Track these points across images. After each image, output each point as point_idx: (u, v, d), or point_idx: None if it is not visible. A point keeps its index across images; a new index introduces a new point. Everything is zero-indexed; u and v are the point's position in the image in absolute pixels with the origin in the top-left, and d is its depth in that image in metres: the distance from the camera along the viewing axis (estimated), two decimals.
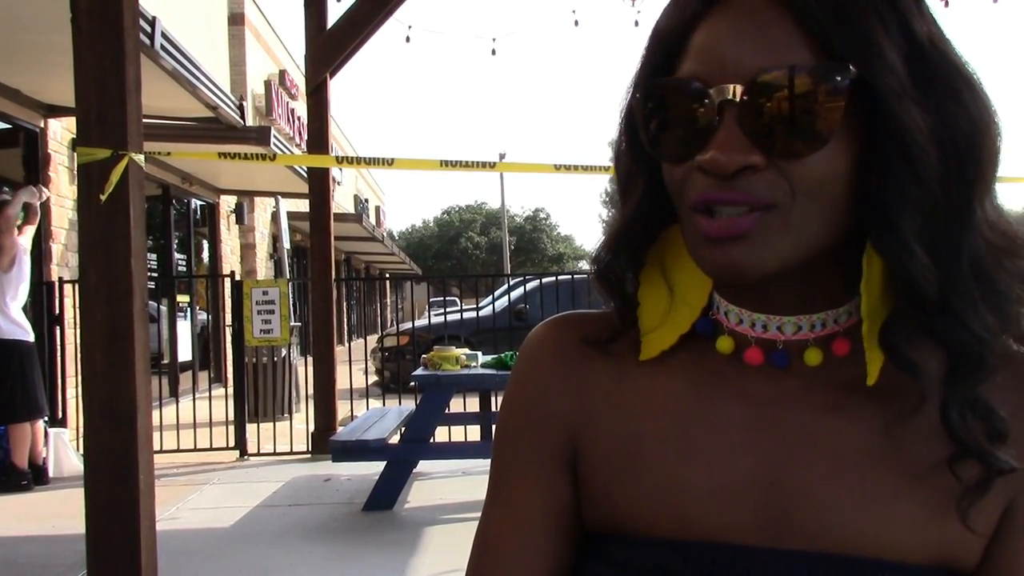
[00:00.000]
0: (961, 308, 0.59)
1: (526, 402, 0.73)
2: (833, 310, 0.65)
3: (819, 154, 0.57)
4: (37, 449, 5.92)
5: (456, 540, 4.44)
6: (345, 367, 7.38)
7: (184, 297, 10.98)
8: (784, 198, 0.58)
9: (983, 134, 0.58)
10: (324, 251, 6.95)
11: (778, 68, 0.57)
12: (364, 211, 25.77)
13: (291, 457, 6.71)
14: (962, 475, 0.60)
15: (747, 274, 0.60)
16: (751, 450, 0.65)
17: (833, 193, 0.59)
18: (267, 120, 13.46)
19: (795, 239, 0.59)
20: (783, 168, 0.58)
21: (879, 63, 0.56)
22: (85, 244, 2.92)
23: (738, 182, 0.58)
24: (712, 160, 0.58)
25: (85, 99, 2.87)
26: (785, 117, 0.56)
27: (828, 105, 0.56)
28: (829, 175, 0.58)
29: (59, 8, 3.22)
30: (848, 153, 0.58)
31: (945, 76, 0.58)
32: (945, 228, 0.58)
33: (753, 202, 0.58)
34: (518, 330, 9.79)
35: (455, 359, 5.50)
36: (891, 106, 0.56)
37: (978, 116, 0.58)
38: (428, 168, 4.94)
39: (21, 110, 6.97)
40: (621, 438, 0.68)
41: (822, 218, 0.60)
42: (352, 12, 6.68)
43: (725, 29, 0.59)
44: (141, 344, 2.93)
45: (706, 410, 0.67)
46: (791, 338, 0.66)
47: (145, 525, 2.93)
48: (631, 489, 0.67)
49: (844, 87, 0.56)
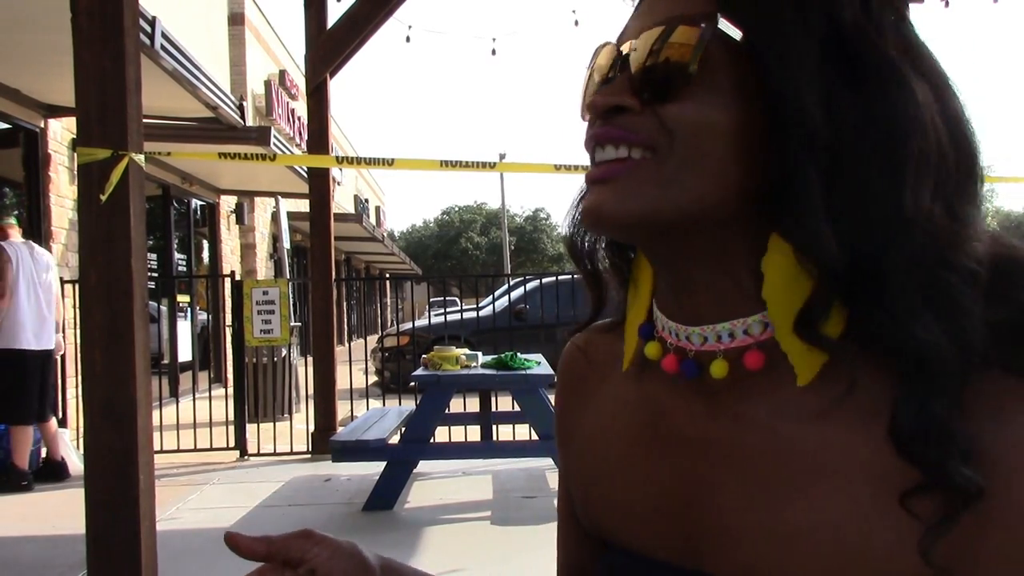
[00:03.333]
0: (897, 309, 0.54)
1: (556, 421, 0.82)
2: (741, 320, 0.61)
3: (695, 101, 0.57)
4: (55, 447, 5.98)
5: (456, 540, 4.44)
6: (345, 367, 7.38)
7: (184, 297, 10.98)
8: (661, 140, 0.58)
9: (907, 132, 0.55)
10: (324, 251, 6.95)
11: (662, 22, 0.59)
12: (364, 211, 25.78)
13: (291, 457, 6.71)
14: (917, 510, 0.52)
15: (605, 219, 0.59)
16: (666, 466, 0.65)
17: (712, 150, 0.57)
18: (267, 120, 13.46)
19: (662, 191, 0.58)
20: (658, 111, 0.58)
21: (767, 28, 0.57)
22: (85, 244, 2.92)
23: (616, 120, 0.59)
24: (591, 102, 0.60)
25: (85, 99, 2.88)
26: (659, 64, 0.58)
27: (689, 49, 0.57)
28: (703, 124, 0.57)
29: (59, 8, 3.22)
30: (732, 109, 0.57)
31: (869, 67, 0.56)
32: (859, 216, 0.55)
33: (629, 139, 0.58)
34: (518, 330, 9.83)
35: (455, 359, 5.50)
36: (775, 74, 0.56)
37: (903, 113, 0.55)
38: (428, 168, 4.94)
39: (21, 110, 6.97)
40: (583, 454, 0.74)
41: (700, 176, 0.57)
42: (352, 12, 6.68)
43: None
44: (141, 344, 2.93)
45: (636, 424, 0.68)
46: (702, 348, 0.63)
47: (145, 525, 2.94)
48: (587, 503, 0.73)
49: (709, 36, 0.57)
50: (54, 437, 5.99)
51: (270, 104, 13.76)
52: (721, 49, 0.57)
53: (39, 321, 5.80)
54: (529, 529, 4.57)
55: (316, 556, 0.71)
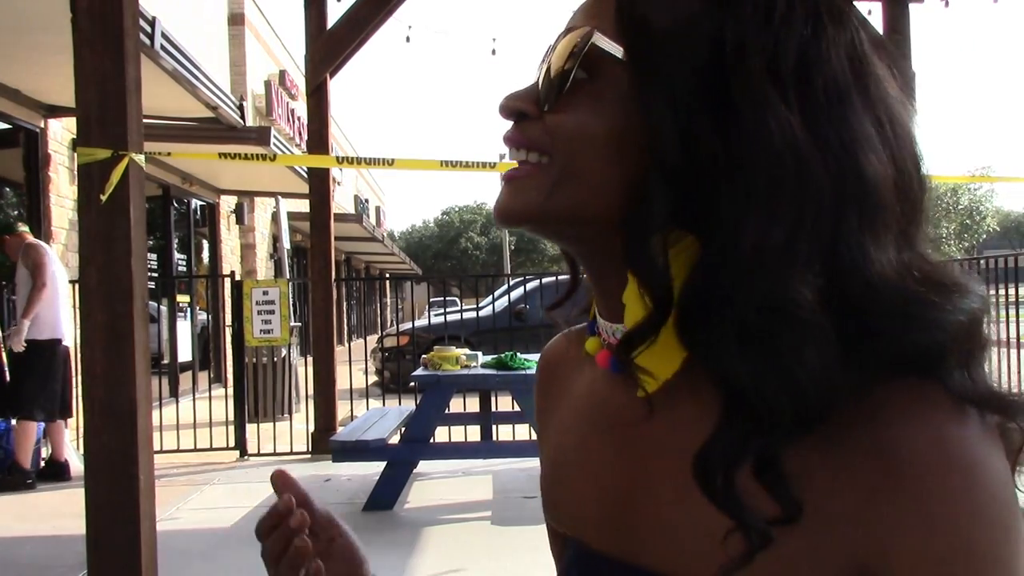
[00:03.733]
0: (709, 344, 0.54)
1: (536, 416, 0.84)
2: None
3: (577, 111, 0.59)
4: (60, 447, 6.05)
5: (456, 540, 4.44)
6: (345, 367, 7.38)
7: (184, 297, 10.98)
8: (550, 149, 0.61)
9: (760, 165, 0.54)
10: (324, 251, 6.95)
11: (565, 31, 0.62)
12: (364, 211, 25.77)
13: (291, 457, 6.71)
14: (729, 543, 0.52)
15: (500, 215, 0.63)
16: (607, 460, 0.66)
17: (588, 159, 0.59)
18: (267, 120, 13.46)
19: (545, 195, 0.60)
20: (548, 119, 0.61)
21: (642, 49, 0.58)
22: (85, 244, 2.92)
23: (517, 126, 0.63)
24: (500, 105, 0.63)
25: (85, 99, 2.88)
26: (550, 73, 0.61)
27: (571, 65, 0.60)
28: (579, 133, 0.59)
29: (59, 8, 3.23)
30: (611, 121, 0.58)
31: (735, 96, 0.55)
32: (695, 249, 0.56)
33: (524, 143, 0.62)
34: (518, 330, 9.83)
35: (455, 359, 5.50)
36: (640, 94, 0.57)
37: (761, 146, 0.54)
38: (428, 168, 4.94)
39: (21, 110, 6.97)
40: (548, 446, 0.77)
41: (579, 182, 0.59)
42: (352, 12, 6.68)
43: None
44: (141, 344, 2.93)
45: (584, 418, 0.70)
46: None
47: (145, 525, 2.94)
48: (545, 494, 0.76)
49: (581, 50, 0.59)
50: (62, 437, 6.03)
51: (270, 104, 13.76)
52: (611, 62, 0.59)
53: (67, 317, 5.96)
54: (529, 529, 4.56)
55: (333, 547, 0.77)
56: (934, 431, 0.51)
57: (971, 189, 42.23)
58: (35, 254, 5.88)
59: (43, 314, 5.83)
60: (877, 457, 0.51)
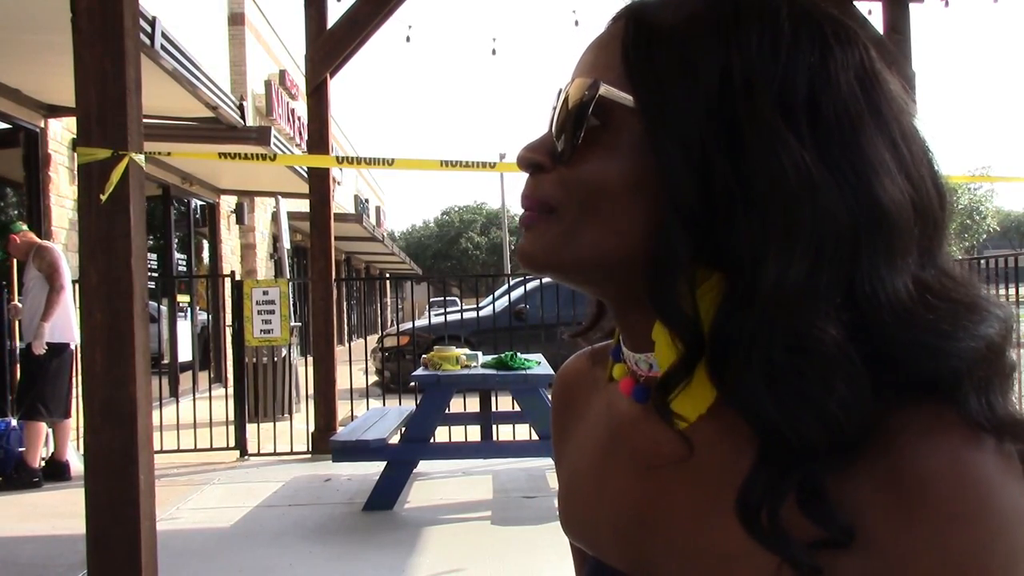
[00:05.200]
0: (738, 386, 0.54)
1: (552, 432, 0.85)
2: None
3: (591, 162, 0.59)
4: (63, 448, 6.06)
5: (456, 540, 4.44)
6: (345, 367, 7.38)
7: (184, 297, 10.98)
8: (565, 201, 0.61)
9: (774, 202, 0.54)
10: (324, 251, 6.95)
11: (575, 80, 0.61)
12: (364, 211, 25.77)
13: (291, 457, 6.71)
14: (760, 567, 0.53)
15: (523, 260, 0.63)
16: (621, 484, 0.66)
17: (605, 207, 0.59)
18: (267, 120, 13.46)
19: (561, 242, 0.61)
20: (562, 172, 0.61)
21: (650, 93, 0.58)
22: (85, 244, 2.92)
23: (533, 179, 0.63)
24: (518, 157, 0.64)
25: (85, 99, 2.88)
26: (563, 125, 0.61)
27: (581, 117, 0.60)
28: (595, 184, 0.59)
29: (59, 8, 3.22)
30: (626, 169, 0.58)
31: (746, 132, 0.55)
32: (718, 290, 0.56)
33: (535, 204, 0.62)
34: (518, 330, 9.83)
35: (455, 359, 5.50)
36: (651, 140, 0.57)
37: (774, 181, 0.54)
38: (428, 168, 4.94)
39: (21, 110, 6.97)
40: (565, 464, 0.78)
41: (595, 230, 0.60)
42: (352, 12, 6.69)
43: (587, 48, 0.65)
44: (141, 344, 2.93)
45: (602, 440, 0.71)
46: (649, 374, 0.64)
47: (145, 525, 2.94)
48: (563, 511, 0.76)
49: (592, 101, 0.59)
50: (67, 437, 6.04)
51: (270, 104, 13.76)
52: (621, 109, 0.59)
53: (76, 320, 5.95)
54: (529, 529, 4.57)
55: None
56: (947, 456, 0.51)
57: (971, 189, 42.19)
58: (50, 256, 5.90)
59: (58, 317, 5.85)
60: (891, 483, 0.51)
